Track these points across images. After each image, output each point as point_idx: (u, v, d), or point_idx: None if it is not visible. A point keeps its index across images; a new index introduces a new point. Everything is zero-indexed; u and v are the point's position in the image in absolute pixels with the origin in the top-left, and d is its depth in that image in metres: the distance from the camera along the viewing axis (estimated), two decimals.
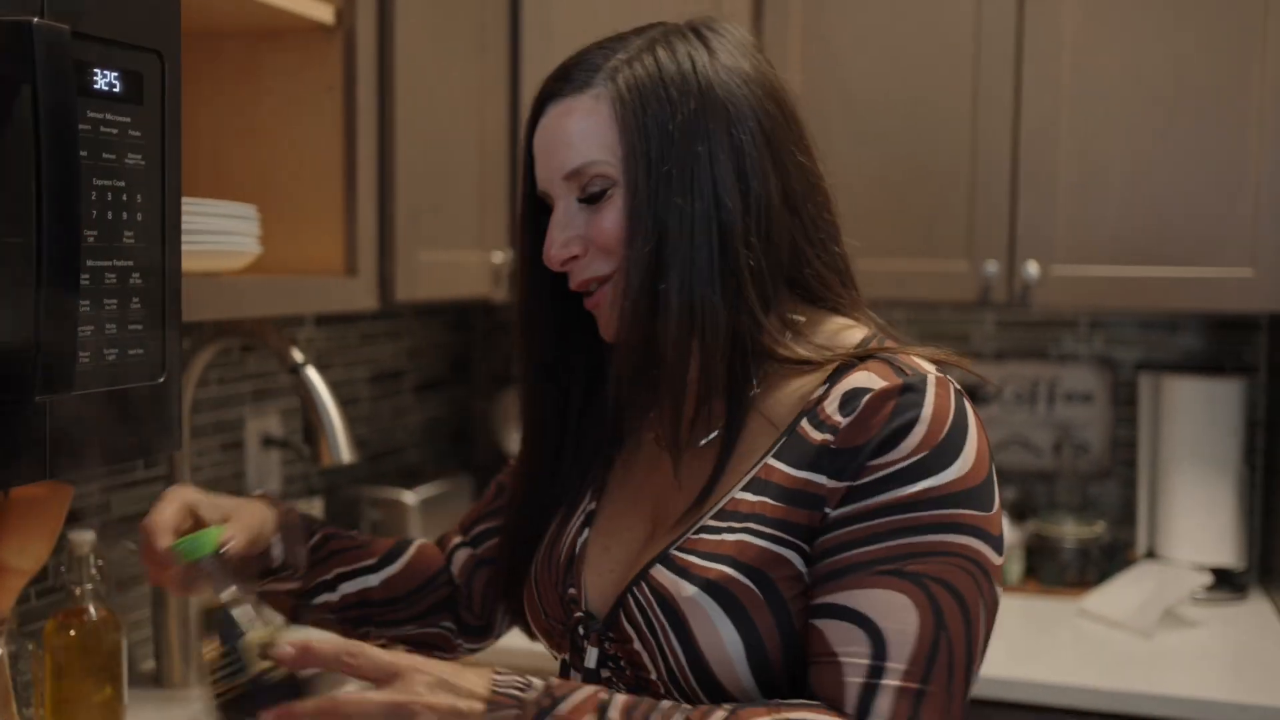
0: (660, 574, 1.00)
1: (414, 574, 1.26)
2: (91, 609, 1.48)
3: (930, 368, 0.99)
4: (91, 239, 1.03)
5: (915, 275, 2.21)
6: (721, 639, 0.96)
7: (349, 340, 2.35)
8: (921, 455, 0.94)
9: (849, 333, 1.06)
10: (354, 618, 1.24)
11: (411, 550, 1.28)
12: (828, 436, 0.97)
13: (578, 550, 1.10)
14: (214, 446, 1.98)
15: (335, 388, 2.19)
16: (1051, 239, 2.16)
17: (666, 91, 1.01)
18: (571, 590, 1.09)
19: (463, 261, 1.95)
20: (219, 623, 1.03)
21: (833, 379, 1.00)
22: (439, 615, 1.27)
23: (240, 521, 1.13)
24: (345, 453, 1.62)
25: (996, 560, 0.97)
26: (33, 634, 1.54)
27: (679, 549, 1.00)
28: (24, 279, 0.96)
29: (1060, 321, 2.53)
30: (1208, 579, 2.19)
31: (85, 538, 1.48)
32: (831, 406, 0.98)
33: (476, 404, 2.83)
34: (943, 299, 2.22)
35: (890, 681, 0.91)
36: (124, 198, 1.08)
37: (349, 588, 1.24)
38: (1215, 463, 2.28)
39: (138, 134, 1.09)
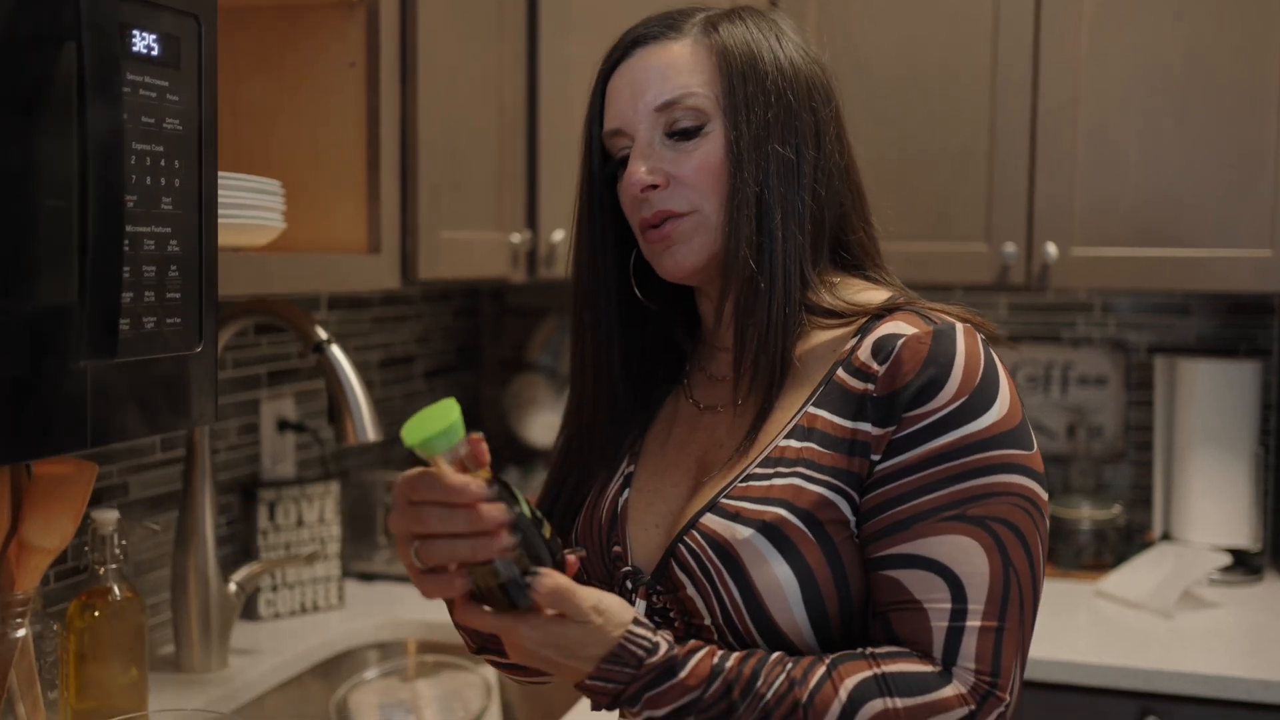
0: (712, 521, 1.01)
1: None
2: (116, 589, 1.46)
3: (955, 319, 1.03)
4: (131, 203, 1.02)
5: (932, 257, 2.20)
6: (777, 578, 0.98)
7: (361, 325, 2.33)
8: (962, 400, 0.97)
9: (874, 292, 1.08)
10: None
11: None
12: (868, 385, 0.99)
13: (620, 508, 1.11)
14: (231, 429, 1.96)
15: None
16: (1070, 220, 2.15)
17: (758, 50, 1.07)
18: (616, 547, 1.10)
19: (482, 241, 1.93)
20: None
21: (863, 331, 1.03)
22: None
23: None
24: (370, 432, 1.60)
25: (1044, 495, 1.01)
26: (57, 615, 1.52)
27: (728, 497, 1.02)
28: (66, 243, 0.94)
29: (1074, 305, 2.52)
30: (1225, 560, 2.18)
31: (109, 517, 1.46)
32: (865, 355, 1.01)
33: (485, 390, 2.82)
34: (960, 281, 2.21)
35: (972, 623, 0.96)
36: (162, 163, 1.06)
37: None
38: (1230, 445, 2.28)
39: (175, 99, 1.07)
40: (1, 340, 0.90)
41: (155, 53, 1.05)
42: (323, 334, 1.60)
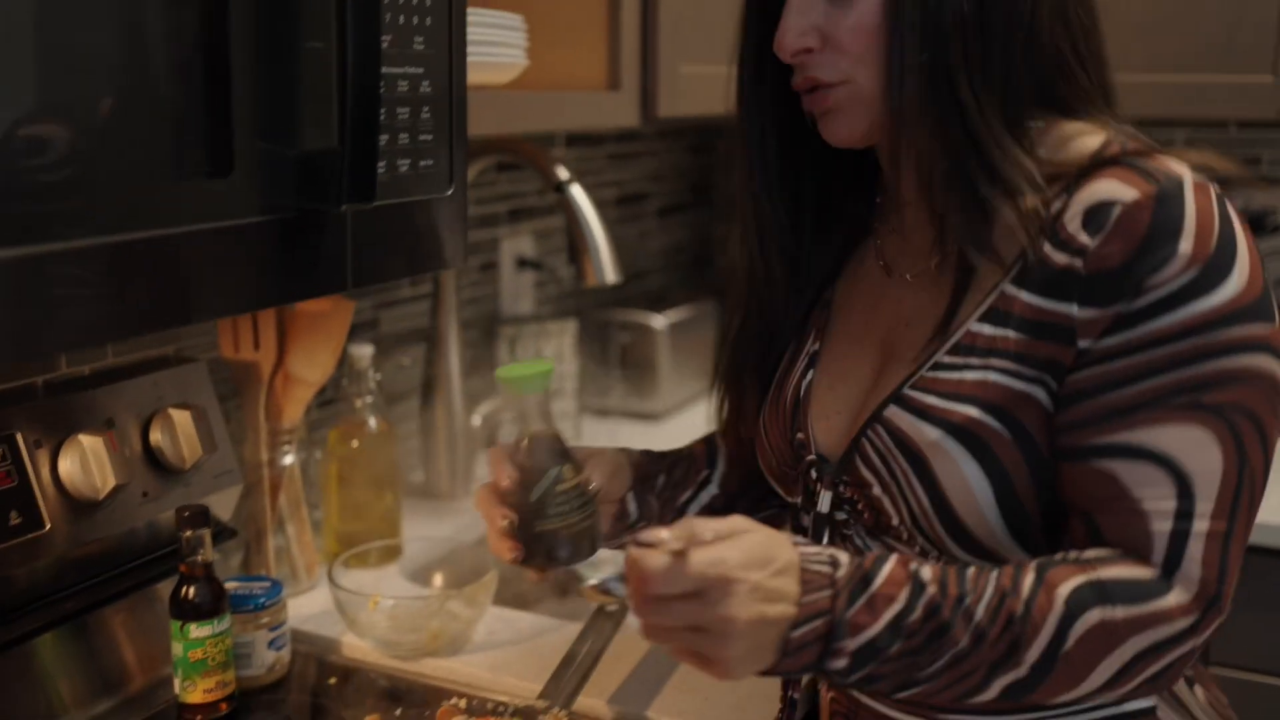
0: (898, 416, 0.93)
1: (735, 465, 1.19)
2: (371, 421, 1.52)
3: (1183, 169, 0.88)
4: (386, 43, 1.01)
5: (1209, 89, 2.01)
6: (969, 483, 0.90)
7: (596, 162, 2.32)
8: (1194, 272, 0.84)
9: (1086, 138, 0.93)
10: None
11: (722, 446, 1.21)
12: (1074, 260, 0.87)
13: (803, 393, 1.04)
14: (471, 267, 1.99)
15: None
16: None
17: None
18: (800, 435, 1.04)
19: (724, 76, 1.86)
20: (540, 451, 1.01)
21: (1070, 190, 0.89)
22: (769, 497, 1.19)
23: (597, 469, 1.09)
24: (610, 273, 1.59)
25: None
26: (318, 441, 1.60)
27: (915, 388, 0.93)
28: (327, 86, 0.94)
29: None
30: None
31: (365, 352, 1.51)
32: (1074, 223, 0.87)
33: (717, 228, 2.78)
34: (1240, 116, 2.02)
35: (1200, 526, 0.85)
36: (414, 1, 1.04)
37: (695, 508, 1.18)
38: None
39: None
40: (270, 184, 0.92)
41: None
42: (564, 173, 1.59)
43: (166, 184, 0.85)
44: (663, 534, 0.83)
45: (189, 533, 1.14)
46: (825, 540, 1.04)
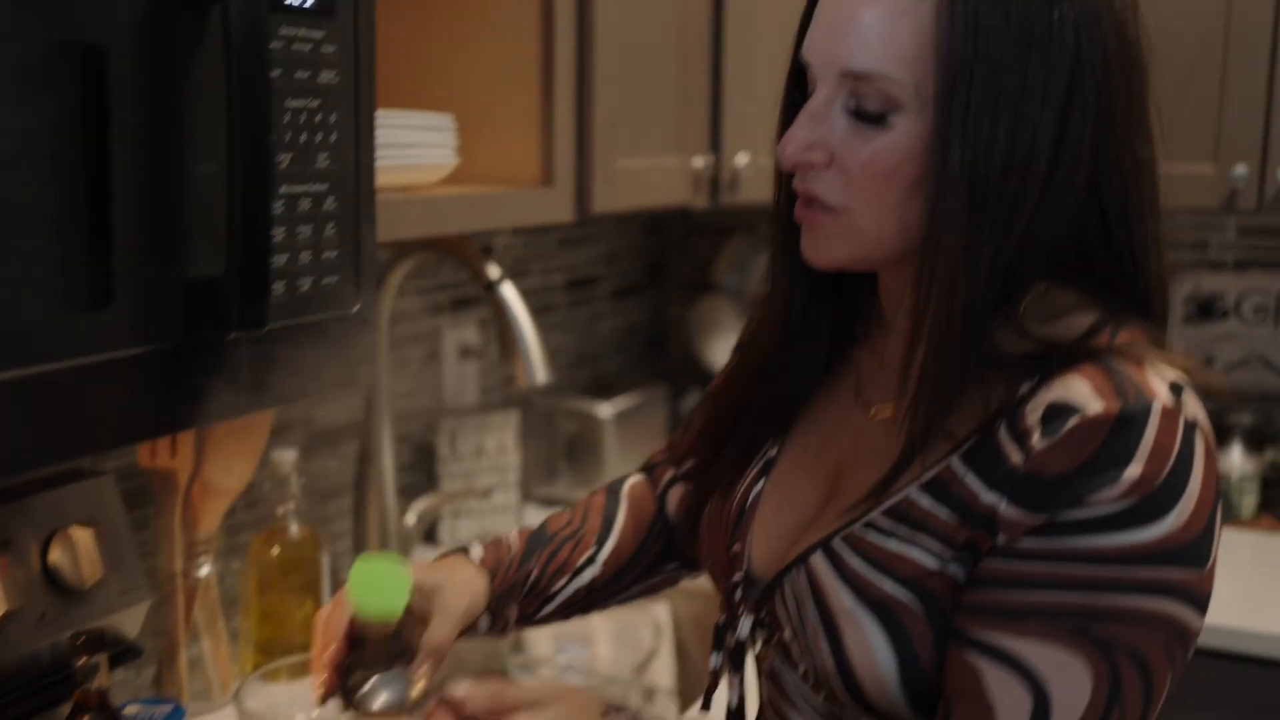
0: (820, 568, 0.90)
1: (631, 538, 1.18)
2: (294, 527, 1.48)
3: (1161, 389, 0.81)
4: (285, 163, 0.99)
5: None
6: (874, 655, 0.86)
7: (546, 246, 2.30)
8: (1130, 502, 0.79)
9: (1079, 316, 0.86)
10: (580, 608, 1.17)
11: (622, 513, 1.20)
12: (1020, 454, 0.81)
13: (749, 502, 1.01)
14: (414, 358, 1.96)
15: (531, 295, 2.15)
16: None
17: (1007, 8, 0.81)
18: (737, 547, 1.00)
19: (661, 168, 1.86)
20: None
21: (1042, 375, 0.83)
22: (662, 564, 1.20)
23: (445, 612, 1.03)
24: (541, 374, 1.57)
25: (1198, 624, 0.82)
26: (238, 548, 1.56)
27: (844, 540, 0.90)
28: (215, 209, 0.92)
29: None
30: None
31: (287, 457, 1.47)
32: (1033, 415, 0.82)
33: (671, 310, 2.76)
34: (1181, 205, 2.02)
35: None
36: (318, 118, 1.02)
37: (570, 591, 1.15)
38: None
39: (331, 49, 1.03)
40: (157, 313, 0.89)
41: (308, 2, 1.00)
42: (495, 272, 1.57)
43: (44, 318, 0.82)
44: (463, 693, 0.82)
45: (82, 660, 1.09)
46: (743, 669, 1.01)
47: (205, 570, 1.39)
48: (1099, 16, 0.84)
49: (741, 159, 1.99)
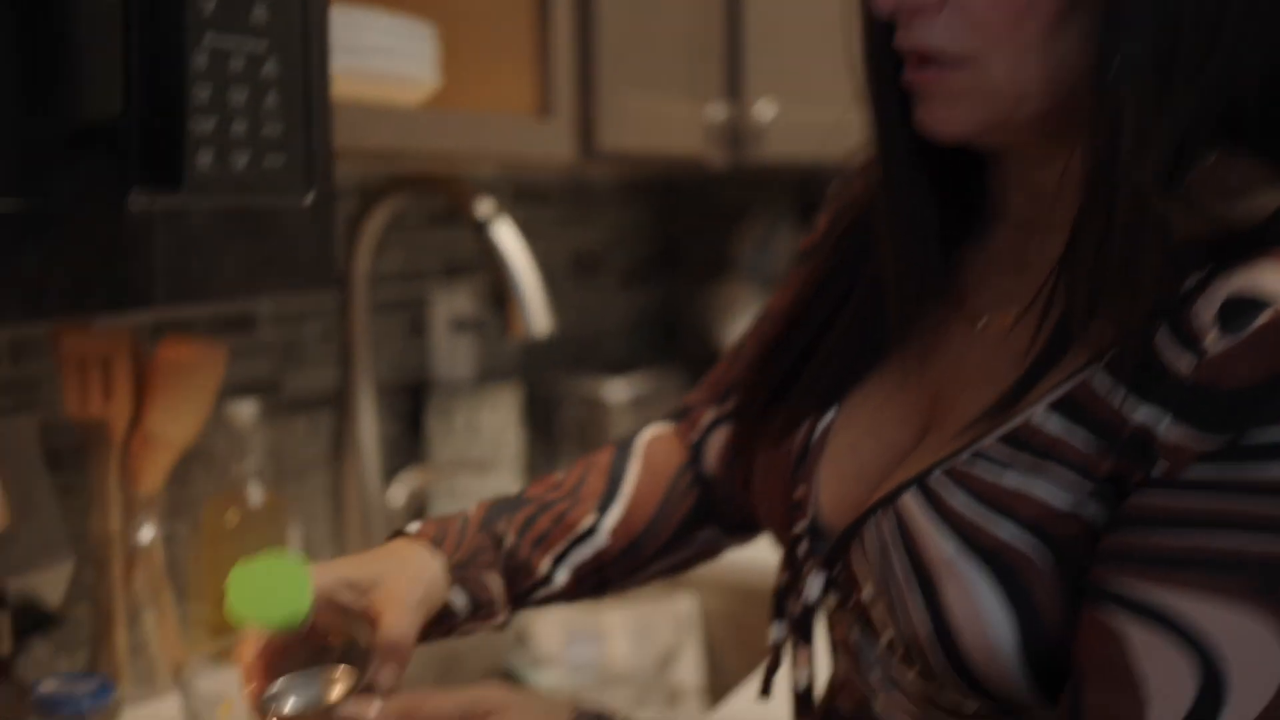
0: (914, 508, 0.73)
1: (647, 500, 0.98)
2: (254, 492, 1.30)
3: None
4: (210, 6, 0.81)
5: None
6: (984, 619, 0.69)
7: (546, 220, 2.13)
8: None
9: (1258, 195, 0.69)
10: (592, 588, 0.97)
11: (634, 470, 1.00)
12: (1187, 359, 0.65)
13: (816, 436, 0.82)
14: (396, 329, 1.78)
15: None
16: None
17: None
18: (800, 491, 0.82)
19: (671, 114, 1.68)
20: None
21: (1218, 260, 0.66)
22: (693, 531, 1.00)
23: (395, 604, 0.83)
24: (541, 322, 1.38)
25: None
26: (187, 511, 1.37)
27: (946, 474, 0.72)
28: (111, 44, 0.74)
29: None
30: None
31: (245, 408, 1.29)
32: (1206, 312, 0.65)
33: (688, 294, 2.59)
34: None
35: None
36: None
37: (573, 563, 0.95)
38: None
39: None
40: (35, 168, 0.71)
41: None
42: (485, 208, 1.39)
43: None
44: (372, 712, 0.72)
45: None
46: (812, 641, 0.82)
47: (148, 535, 1.21)
48: None
49: (765, 110, 1.80)
